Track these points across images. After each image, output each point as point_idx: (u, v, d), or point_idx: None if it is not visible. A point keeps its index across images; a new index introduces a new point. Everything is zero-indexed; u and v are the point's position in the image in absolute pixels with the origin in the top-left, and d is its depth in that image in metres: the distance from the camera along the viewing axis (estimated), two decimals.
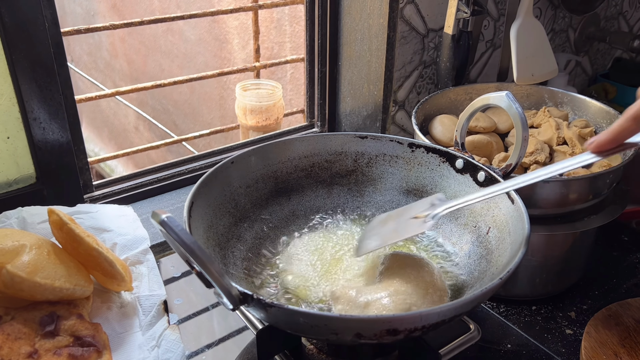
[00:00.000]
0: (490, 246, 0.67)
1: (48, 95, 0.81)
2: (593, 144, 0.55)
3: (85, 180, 0.91)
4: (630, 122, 0.52)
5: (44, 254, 0.60)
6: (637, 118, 0.52)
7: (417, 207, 0.65)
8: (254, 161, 0.75)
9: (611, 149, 0.54)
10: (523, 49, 0.98)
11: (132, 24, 1.03)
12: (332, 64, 1.10)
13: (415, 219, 0.63)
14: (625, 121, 0.52)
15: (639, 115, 0.51)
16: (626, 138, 0.53)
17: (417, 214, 0.63)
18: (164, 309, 0.64)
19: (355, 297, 0.58)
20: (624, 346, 0.74)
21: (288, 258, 0.71)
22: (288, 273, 0.68)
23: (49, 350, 0.56)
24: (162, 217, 0.48)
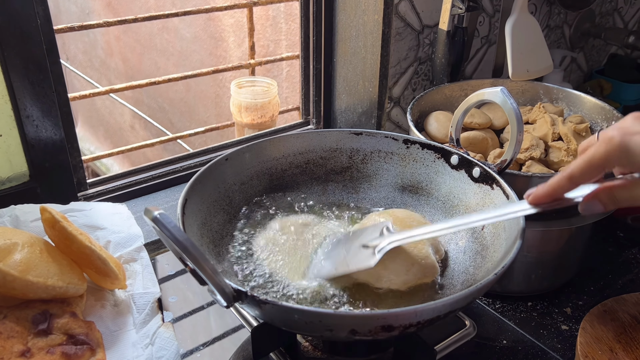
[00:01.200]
0: (485, 242, 0.67)
1: (41, 92, 0.80)
2: (530, 196, 0.57)
3: (79, 178, 0.90)
4: (565, 181, 0.54)
5: (36, 252, 0.60)
6: (571, 177, 0.54)
7: (368, 234, 0.65)
8: (248, 158, 0.75)
9: (547, 203, 0.56)
10: (518, 44, 0.98)
11: (126, 21, 1.02)
12: (327, 60, 1.10)
13: (365, 248, 0.62)
14: (561, 179, 0.54)
15: (572, 175, 0.54)
16: (561, 195, 0.55)
17: (367, 243, 0.63)
18: (158, 307, 0.63)
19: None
20: (620, 341, 0.74)
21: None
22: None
23: (42, 349, 0.56)
24: (155, 213, 0.48)
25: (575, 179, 0.54)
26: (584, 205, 0.55)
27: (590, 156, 0.53)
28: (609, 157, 0.51)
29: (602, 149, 0.51)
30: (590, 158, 0.52)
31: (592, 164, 0.52)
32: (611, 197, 0.53)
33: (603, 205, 0.54)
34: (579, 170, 0.53)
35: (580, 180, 0.54)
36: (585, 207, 0.55)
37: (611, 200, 0.53)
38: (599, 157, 0.52)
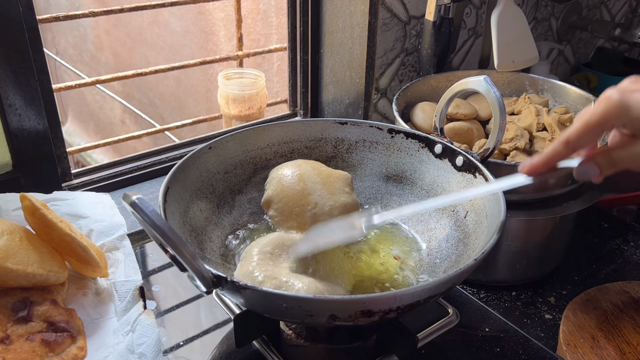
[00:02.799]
0: (467, 230, 0.67)
1: (24, 81, 0.80)
2: (527, 166, 0.55)
3: (63, 169, 0.90)
4: (561, 146, 0.52)
5: (16, 240, 0.60)
6: (568, 143, 0.52)
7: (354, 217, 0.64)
8: (232, 147, 0.74)
9: (544, 172, 0.54)
10: (504, 35, 0.99)
11: (112, 12, 1.02)
12: (314, 52, 1.10)
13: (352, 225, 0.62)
14: (557, 146, 0.52)
15: (570, 140, 0.51)
16: (558, 162, 0.53)
17: (354, 221, 0.62)
18: (139, 295, 0.63)
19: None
20: (602, 329, 0.75)
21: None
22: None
23: (21, 336, 0.56)
24: (133, 198, 0.48)
25: (572, 143, 0.52)
26: (579, 169, 0.52)
27: (587, 117, 0.50)
28: (607, 116, 0.49)
29: (600, 108, 0.49)
30: (588, 119, 0.50)
31: (589, 125, 0.50)
32: (608, 158, 0.51)
33: (599, 168, 0.51)
34: (575, 133, 0.51)
35: (577, 145, 0.52)
36: (580, 171, 0.52)
37: (608, 162, 0.51)
38: (597, 117, 0.50)
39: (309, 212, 0.67)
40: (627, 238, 1.00)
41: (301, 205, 0.68)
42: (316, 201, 0.68)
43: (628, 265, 0.94)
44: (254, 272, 0.59)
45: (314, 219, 0.67)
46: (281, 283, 0.57)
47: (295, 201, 0.68)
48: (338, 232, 0.62)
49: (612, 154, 0.51)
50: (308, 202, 0.68)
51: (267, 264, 0.61)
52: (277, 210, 0.69)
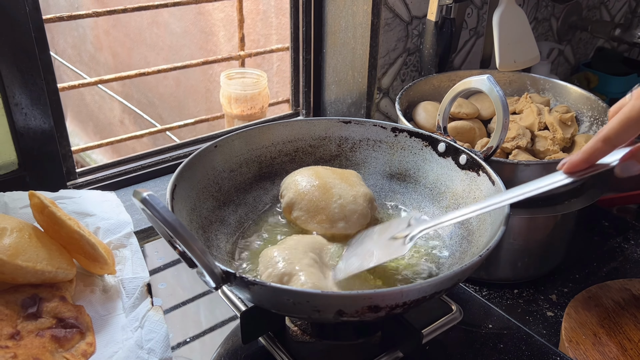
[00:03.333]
0: (471, 227, 0.67)
1: (30, 80, 0.80)
2: (566, 164, 0.54)
3: (68, 167, 0.90)
4: (600, 143, 0.52)
5: (25, 237, 0.60)
6: (608, 139, 0.52)
7: (394, 227, 0.64)
8: (237, 145, 0.75)
9: (583, 170, 0.54)
10: (505, 35, 0.99)
11: (115, 12, 1.02)
12: (316, 51, 1.11)
13: (394, 239, 0.62)
14: (596, 142, 0.52)
15: (608, 137, 0.51)
16: (598, 159, 0.53)
17: (396, 234, 0.62)
18: (147, 291, 0.64)
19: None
20: (603, 326, 0.75)
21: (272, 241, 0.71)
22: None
23: (31, 332, 0.56)
24: (144, 195, 0.48)
25: (611, 140, 0.51)
26: (621, 167, 0.52)
27: (626, 114, 0.50)
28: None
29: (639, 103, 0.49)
30: (627, 115, 0.50)
31: (629, 121, 0.50)
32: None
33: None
34: (614, 130, 0.51)
35: (616, 142, 0.51)
36: (622, 168, 0.52)
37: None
38: (636, 113, 0.49)
39: (334, 203, 0.69)
40: (627, 236, 1.00)
41: (326, 199, 0.69)
42: (339, 193, 0.70)
43: (629, 263, 0.95)
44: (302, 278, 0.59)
45: (342, 210, 0.69)
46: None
47: (319, 196, 0.70)
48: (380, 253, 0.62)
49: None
50: (332, 195, 0.70)
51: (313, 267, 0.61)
52: (301, 209, 0.70)
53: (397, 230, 0.63)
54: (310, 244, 0.65)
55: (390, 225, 0.66)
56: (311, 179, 0.71)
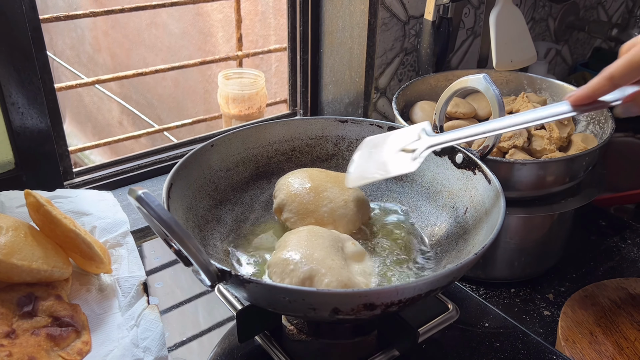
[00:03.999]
0: (467, 226, 0.68)
1: (26, 79, 0.80)
2: (572, 96, 0.56)
3: (65, 167, 0.90)
4: (605, 80, 0.53)
5: (20, 236, 0.60)
6: (612, 78, 0.53)
7: (405, 137, 0.66)
8: (234, 144, 0.75)
9: (587, 105, 0.56)
10: (502, 35, 0.99)
11: (113, 12, 1.02)
12: (314, 51, 1.11)
13: (404, 152, 0.64)
14: (601, 79, 0.54)
15: (614, 75, 0.53)
16: (600, 96, 0.55)
17: (405, 147, 0.64)
18: (143, 290, 0.64)
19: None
20: (600, 325, 0.76)
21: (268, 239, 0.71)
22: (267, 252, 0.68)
23: (26, 330, 0.56)
24: (139, 192, 0.48)
25: (616, 79, 0.53)
26: (622, 108, 0.54)
27: (632, 55, 0.52)
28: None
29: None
30: (632, 57, 0.52)
31: (633, 63, 0.52)
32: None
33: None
34: (620, 70, 0.52)
35: (620, 82, 0.53)
36: (624, 109, 0.54)
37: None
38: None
39: (324, 207, 0.69)
40: (624, 236, 1.01)
41: (316, 202, 0.69)
42: (330, 197, 0.70)
43: (625, 262, 0.95)
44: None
45: (331, 214, 0.69)
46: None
47: (309, 199, 0.69)
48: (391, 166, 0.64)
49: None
50: (322, 198, 0.69)
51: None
52: (291, 211, 0.70)
53: (408, 141, 0.65)
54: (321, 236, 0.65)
55: (400, 134, 0.68)
56: (304, 181, 0.71)
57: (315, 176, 0.72)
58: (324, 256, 0.59)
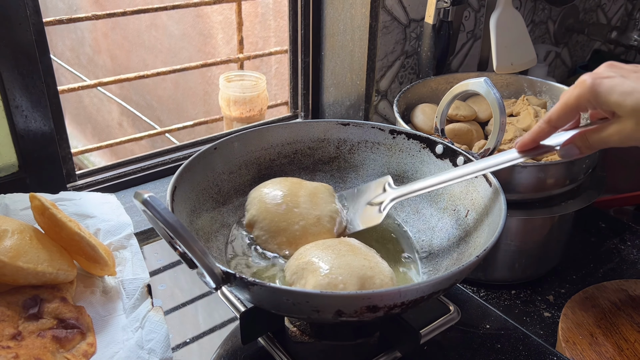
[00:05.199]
0: (468, 228, 0.68)
1: (30, 83, 0.81)
2: (518, 143, 0.62)
3: (68, 170, 0.91)
4: (544, 124, 0.60)
5: (26, 239, 0.60)
6: (550, 122, 0.59)
7: (370, 191, 0.71)
8: (237, 147, 0.76)
9: (532, 150, 0.62)
10: (502, 38, 1.00)
11: (115, 15, 1.03)
12: (315, 54, 1.11)
13: (370, 205, 0.69)
14: (541, 124, 0.60)
15: (551, 119, 0.59)
16: (542, 139, 0.61)
17: (371, 200, 0.70)
18: (147, 292, 0.64)
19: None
20: (600, 327, 0.76)
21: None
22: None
23: (32, 332, 0.57)
24: (145, 196, 0.49)
25: (553, 121, 0.59)
26: (562, 151, 0.60)
27: (565, 99, 0.57)
28: (580, 99, 0.56)
29: (575, 91, 0.56)
30: (565, 101, 0.57)
31: (567, 106, 0.57)
32: (585, 141, 0.58)
33: (578, 149, 0.59)
34: (555, 113, 0.58)
35: (557, 123, 0.59)
36: (563, 152, 0.60)
37: (585, 145, 0.58)
38: (572, 100, 0.56)
39: (296, 224, 0.67)
40: (624, 238, 1.01)
41: (287, 220, 0.67)
42: (302, 214, 0.68)
43: (625, 264, 0.95)
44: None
45: (304, 232, 0.67)
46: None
47: (281, 216, 0.67)
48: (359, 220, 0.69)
49: (588, 137, 0.58)
50: (294, 215, 0.67)
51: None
52: (262, 229, 0.68)
53: (373, 195, 0.70)
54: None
55: (367, 188, 0.73)
56: (276, 196, 0.69)
57: (288, 189, 0.70)
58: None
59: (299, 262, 0.61)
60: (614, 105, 0.54)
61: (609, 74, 0.55)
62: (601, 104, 0.55)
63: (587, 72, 0.56)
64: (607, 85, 0.54)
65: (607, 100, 0.54)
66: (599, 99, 0.54)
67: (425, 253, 0.71)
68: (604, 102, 0.54)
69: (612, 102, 0.54)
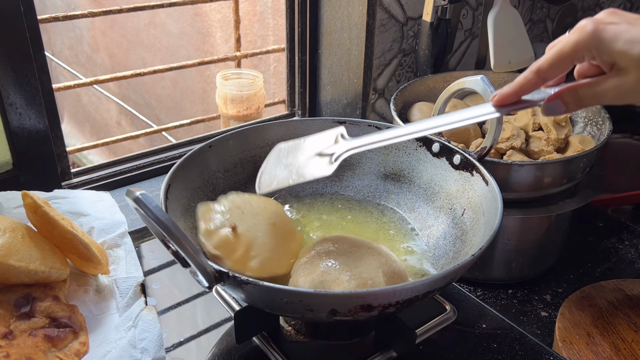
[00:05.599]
0: (465, 227, 0.68)
1: (24, 80, 0.80)
2: (496, 96, 0.54)
3: (63, 168, 0.90)
4: (532, 75, 0.52)
5: (18, 237, 0.60)
6: (539, 72, 0.51)
7: (321, 142, 0.62)
8: (232, 145, 0.75)
9: (513, 104, 0.54)
10: (500, 36, 1.00)
11: (111, 12, 1.02)
12: (312, 52, 1.11)
13: (320, 156, 0.60)
14: (529, 74, 0.52)
15: (541, 69, 0.51)
16: (527, 92, 0.53)
17: (322, 151, 0.60)
18: (140, 291, 0.64)
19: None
20: (597, 326, 0.76)
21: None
22: None
23: (24, 331, 0.56)
24: (137, 194, 0.48)
25: (543, 72, 0.51)
26: (546, 107, 0.53)
27: (559, 47, 0.50)
28: (579, 46, 0.49)
29: (574, 38, 0.49)
30: (560, 48, 0.50)
31: (561, 54, 0.50)
32: (575, 96, 0.51)
33: (565, 105, 0.52)
34: (547, 62, 0.51)
35: (547, 74, 0.52)
36: (547, 107, 0.53)
37: (574, 100, 0.52)
38: (569, 47, 0.49)
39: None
40: (621, 237, 1.01)
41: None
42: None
43: (622, 263, 0.95)
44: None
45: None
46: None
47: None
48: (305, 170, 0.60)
49: (579, 91, 0.51)
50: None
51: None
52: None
53: (324, 146, 0.61)
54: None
55: (316, 139, 0.63)
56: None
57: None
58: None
59: (314, 277, 0.58)
60: (617, 54, 0.47)
61: (613, 19, 0.48)
62: (603, 52, 0.48)
63: (586, 18, 0.49)
64: (612, 32, 0.47)
65: (610, 48, 0.47)
66: (602, 46, 0.47)
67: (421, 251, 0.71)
68: (607, 51, 0.47)
69: (617, 50, 0.47)
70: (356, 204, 0.78)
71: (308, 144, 0.63)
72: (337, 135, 0.61)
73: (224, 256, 0.59)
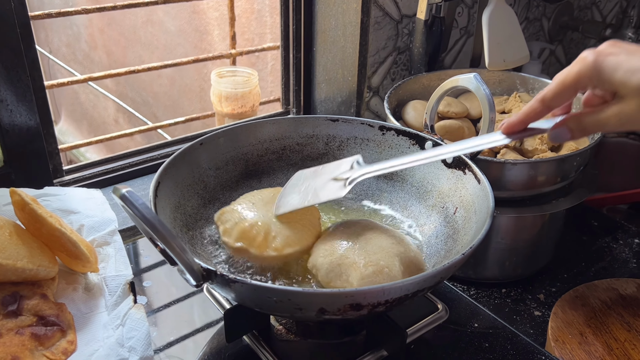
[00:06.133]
0: (457, 226, 0.67)
1: (15, 77, 0.80)
2: (504, 125, 0.57)
3: (55, 165, 0.90)
4: (537, 104, 0.55)
5: (5, 235, 0.59)
6: (544, 101, 0.54)
7: (337, 168, 0.66)
8: (223, 143, 0.75)
9: (520, 131, 0.57)
10: (495, 34, 0.99)
11: (105, 9, 1.02)
12: (306, 50, 1.10)
13: (335, 180, 0.64)
14: (534, 103, 0.55)
15: (546, 98, 0.54)
16: (533, 120, 0.56)
17: (337, 176, 0.64)
18: (129, 289, 0.63)
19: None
20: (590, 326, 0.75)
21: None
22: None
23: (11, 330, 0.56)
24: (123, 191, 0.48)
25: (548, 101, 0.54)
26: (552, 133, 0.55)
27: (563, 77, 0.53)
28: (580, 77, 0.51)
29: (575, 68, 0.51)
30: (563, 78, 0.52)
31: (564, 84, 0.52)
32: (579, 123, 0.54)
33: (570, 132, 0.54)
34: (551, 92, 0.53)
35: (552, 103, 0.54)
36: (553, 134, 0.55)
37: (579, 127, 0.54)
38: (571, 77, 0.52)
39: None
40: (616, 236, 1.00)
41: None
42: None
43: (616, 263, 0.95)
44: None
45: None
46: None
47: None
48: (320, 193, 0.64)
49: (583, 119, 0.53)
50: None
51: None
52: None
53: (340, 171, 0.65)
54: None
55: (333, 166, 0.67)
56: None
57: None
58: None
59: (332, 260, 0.60)
60: (618, 83, 0.49)
61: (613, 50, 0.50)
62: (604, 82, 0.50)
63: (588, 49, 0.52)
64: (612, 62, 0.49)
65: (611, 77, 0.49)
66: (602, 76, 0.50)
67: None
68: (608, 80, 0.50)
69: (617, 80, 0.49)
70: (349, 203, 0.78)
71: (326, 170, 0.67)
72: (352, 162, 0.66)
73: (247, 246, 0.62)
